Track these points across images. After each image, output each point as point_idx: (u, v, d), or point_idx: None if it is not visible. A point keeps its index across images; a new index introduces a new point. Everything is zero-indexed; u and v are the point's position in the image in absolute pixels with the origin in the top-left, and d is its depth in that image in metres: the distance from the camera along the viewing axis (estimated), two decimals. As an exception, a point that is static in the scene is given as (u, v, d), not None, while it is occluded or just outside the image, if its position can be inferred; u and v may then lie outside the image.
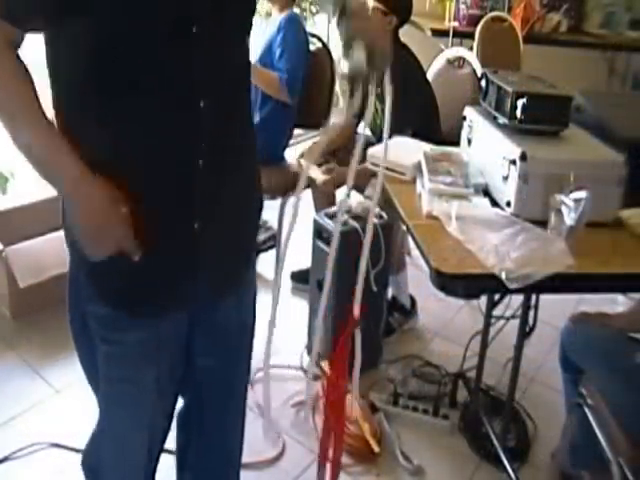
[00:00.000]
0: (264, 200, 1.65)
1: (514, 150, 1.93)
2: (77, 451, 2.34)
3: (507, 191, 1.96)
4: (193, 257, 1.35)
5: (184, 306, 1.42)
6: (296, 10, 3.55)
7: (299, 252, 3.30)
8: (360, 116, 3.57)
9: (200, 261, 1.36)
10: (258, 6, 1.45)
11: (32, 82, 1.18)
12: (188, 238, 1.33)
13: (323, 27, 5.63)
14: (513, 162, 1.91)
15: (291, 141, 3.63)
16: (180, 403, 1.66)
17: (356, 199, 2.96)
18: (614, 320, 2.17)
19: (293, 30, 3.26)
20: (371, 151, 2.43)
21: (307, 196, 3.39)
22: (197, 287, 1.39)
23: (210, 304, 1.46)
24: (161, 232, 1.29)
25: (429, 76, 3.41)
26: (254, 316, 1.64)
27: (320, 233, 2.77)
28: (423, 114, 3.01)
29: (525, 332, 2.24)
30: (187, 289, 1.38)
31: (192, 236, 1.32)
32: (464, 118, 2.35)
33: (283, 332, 3.12)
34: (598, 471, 2.14)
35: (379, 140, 2.97)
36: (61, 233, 1.41)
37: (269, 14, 3.61)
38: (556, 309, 2.53)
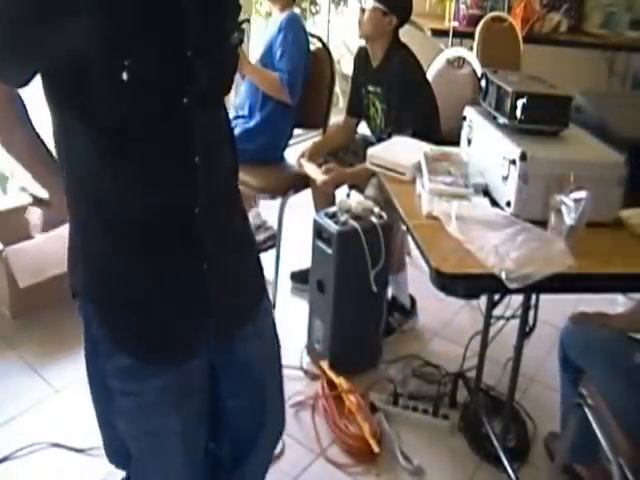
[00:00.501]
0: (265, 200, 1.66)
1: (514, 150, 1.93)
2: (77, 451, 2.35)
3: (507, 191, 1.96)
4: (204, 297, 1.38)
5: (200, 347, 1.42)
6: (296, 10, 3.54)
7: (299, 252, 3.32)
8: (360, 116, 3.60)
9: (211, 301, 1.39)
10: (258, 6, 1.47)
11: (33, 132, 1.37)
12: (198, 279, 1.36)
13: (323, 27, 5.64)
14: (513, 162, 1.91)
15: (291, 141, 3.63)
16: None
17: (356, 199, 2.96)
18: (614, 320, 2.17)
19: (294, 30, 3.27)
20: (371, 151, 2.43)
21: (307, 196, 3.39)
22: (210, 326, 1.40)
23: (226, 343, 1.46)
24: (172, 276, 1.34)
25: (429, 76, 3.41)
26: (278, 345, 1.65)
27: (320, 233, 2.76)
28: (423, 114, 3.01)
29: (525, 332, 2.24)
30: (201, 329, 1.40)
31: (202, 277, 1.35)
32: (464, 118, 2.35)
33: (283, 332, 3.14)
34: (595, 466, 2.17)
35: (379, 140, 2.98)
36: (61, 232, 1.42)
37: (269, 14, 3.61)
38: (556, 309, 2.53)
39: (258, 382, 1.57)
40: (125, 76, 1.13)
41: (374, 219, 2.75)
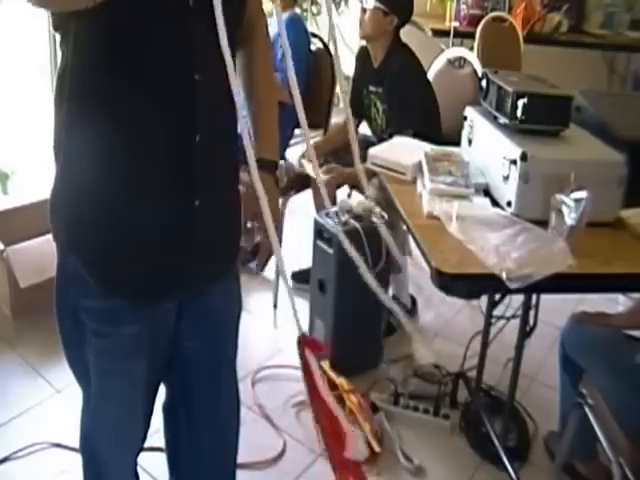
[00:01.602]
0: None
1: (515, 150, 1.93)
2: (78, 451, 2.35)
3: (508, 191, 1.96)
4: (191, 236, 1.37)
5: (178, 290, 1.43)
6: (297, 10, 3.55)
7: (300, 252, 3.32)
8: (360, 116, 3.60)
9: (197, 241, 1.38)
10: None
11: None
12: (188, 216, 1.35)
13: (324, 27, 5.64)
14: (514, 162, 1.92)
15: (292, 141, 3.63)
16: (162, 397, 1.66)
17: (356, 199, 2.96)
18: (614, 320, 2.17)
19: (295, 31, 3.27)
20: (372, 151, 2.43)
21: (308, 196, 3.39)
22: (192, 269, 1.40)
23: (199, 291, 1.48)
24: (163, 209, 1.32)
25: (430, 76, 3.41)
26: (240, 309, 1.65)
27: (321, 233, 2.77)
28: (424, 114, 3.01)
29: (526, 332, 2.24)
30: (183, 271, 1.40)
31: (192, 214, 1.34)
32: (465, 118, 2.35)
33: (284, 331, 3.14)
34: (594, 462, 2.17)
35: (380, 140, 2.98)
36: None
37: (270, 14, 3.61)
38: (556, 309, 2.53)
39: (216, 334, 1.58)
40: None
41: (375, 219, 2.74)
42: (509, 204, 1.96)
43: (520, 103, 2.01)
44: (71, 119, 1.30)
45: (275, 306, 3.29)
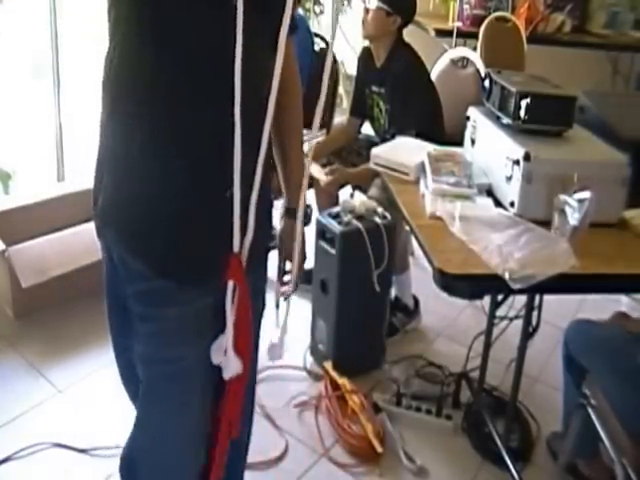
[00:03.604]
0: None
1: (518, 150, 1.92)
2: (80, 451, 2.35)
3: (511, 191, 1.96)
4: (228, 224, 1.36)
5: (221, 274, 1.41)
6: (300, 11, 3.55)
7: (302, 252, 3.32)
8: (363, 116, 3.60)
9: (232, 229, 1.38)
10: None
11: None
12: (227, 205, 1.34)
13: (327, 27, 5.63)
14: (517, 162, 1.91)
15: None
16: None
17: (359, 199, 2.96)
18: (632, 323, 2.16)
19: (298, 32, 3.27)
20: (374, 151, 2.43)
21: (310, 196, 3.39)
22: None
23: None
24: (206, 197, 1.35)
25: (433, 76, 3.41)
26: (264, 305, 1.68)
27: (323, 233, 2.76)
28: (427, 114, 3.01)
29: (528, 332, 2.24)
30: (225, 255, 1.39)
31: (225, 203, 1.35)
32: (468, 118, 2.35)
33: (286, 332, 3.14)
34: (596, 461, 2.17)
35: (383, 140, 2.97)
36: (64, 233, 1.42)
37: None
38: (559, 309, 2.53)
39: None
40: None
41: (377, 219, 2.74)
42: (512, 204, 1.95)
43: (523, 103, 2.00)
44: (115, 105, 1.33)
45: (277, 306, 3.27)
